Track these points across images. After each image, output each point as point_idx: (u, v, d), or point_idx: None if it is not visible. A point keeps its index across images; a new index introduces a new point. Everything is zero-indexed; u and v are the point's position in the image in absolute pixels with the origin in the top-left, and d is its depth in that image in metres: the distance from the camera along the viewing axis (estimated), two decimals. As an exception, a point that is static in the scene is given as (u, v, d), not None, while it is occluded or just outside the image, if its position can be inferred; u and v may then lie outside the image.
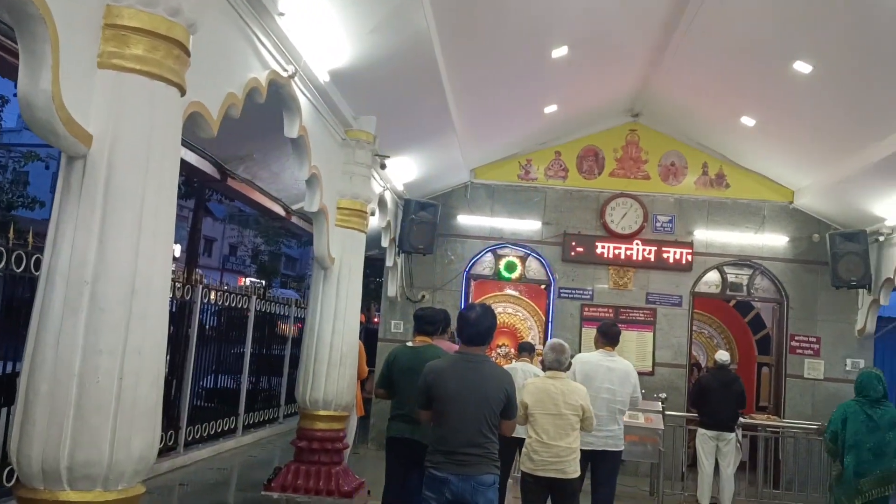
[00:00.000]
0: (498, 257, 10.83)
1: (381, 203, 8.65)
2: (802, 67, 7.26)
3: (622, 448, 6.00)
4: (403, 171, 9.12)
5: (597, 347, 6.26)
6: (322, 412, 6.58)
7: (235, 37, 4.44)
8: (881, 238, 9.41)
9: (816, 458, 9.02)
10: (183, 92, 3.50)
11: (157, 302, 3.32)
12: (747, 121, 9.21)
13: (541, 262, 10.76)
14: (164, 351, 3.48)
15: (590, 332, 9.95)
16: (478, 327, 3.90)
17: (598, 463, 5.89)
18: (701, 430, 8.59)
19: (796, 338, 10.32)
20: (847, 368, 10.08)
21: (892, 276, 9.26)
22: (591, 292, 10.59)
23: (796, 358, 10.29)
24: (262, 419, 10.85)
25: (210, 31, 3.95)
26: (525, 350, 7.63)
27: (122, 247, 3.13)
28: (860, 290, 9.97)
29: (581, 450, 5.37)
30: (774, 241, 10.47)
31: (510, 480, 7.03)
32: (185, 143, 6.59)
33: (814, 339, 10.30)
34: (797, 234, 10.44)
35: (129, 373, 3.14)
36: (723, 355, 9.00)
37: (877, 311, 9.99)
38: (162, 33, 3.25)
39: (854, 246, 9.54)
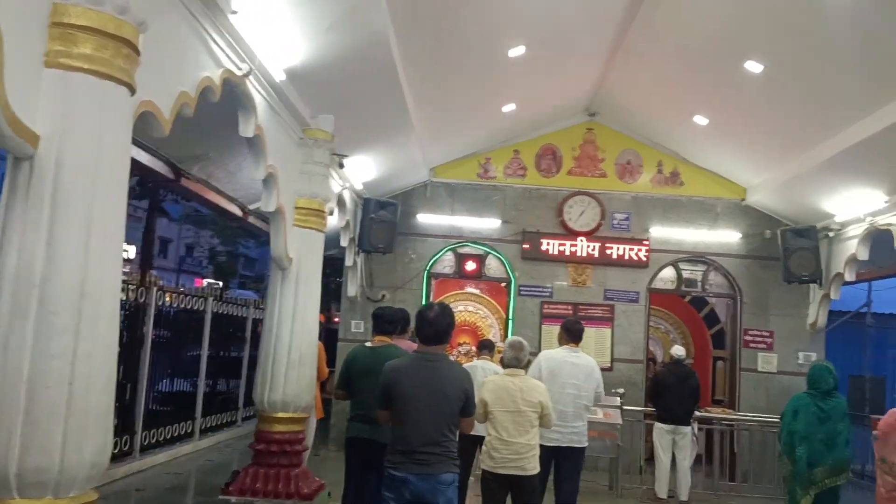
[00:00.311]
0: (458, 255, 10.85)
1: (340, 202, 8.61)
2: (753, 67, 7.41)
3: (586, 444, 6.05)
4: (362, 169, 9.09)
5: (560, 344, 6.30)
6: (281, 414, 6.52)
7: (187, 35, 4.37)
8: (831, 234, 9.66)
9: (770, 450, 9.20)
10: (133, 91, 3.45)
11: (108, 305, 3.26)
12: (700, 120, 9.38)
13: (501, 260, 10.81)
14: (116, 355, 3.42)
15: (549, 329, 10.07)
16: (436, 326, 3.90)
17: (563, 459, 5.94)
18: (658, 425, 8.72)
19: (750, 332, 10.54)
20: (799, 362, 10.32)
21: (842, 271, 9.51)
22: (550, 289, 10.67)
23: (750, 352, 10.51)
24: (219, 422, 10.71)
25: (161, 30, 3.88)
26: (485, 348, 7.65)
27: (71, 249, 3.08)
28: (811, 285, 10.21)
29: (546, 446, 5.42)
30: (727, 237, 10.68)
31: (471, 479, 7.05)
32: (137, 143, 6.51)
33: (767, 334, 10.52)
34: (749, 231, 10.66)
35: (79, 377, 3.08)
36: (678, 350, 9.15)
37: (828, 306, 10.25)
38: (111, 32, 3.20)
39: (805, 242, 9.78)
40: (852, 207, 8.86)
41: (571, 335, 6.20)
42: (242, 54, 5.03)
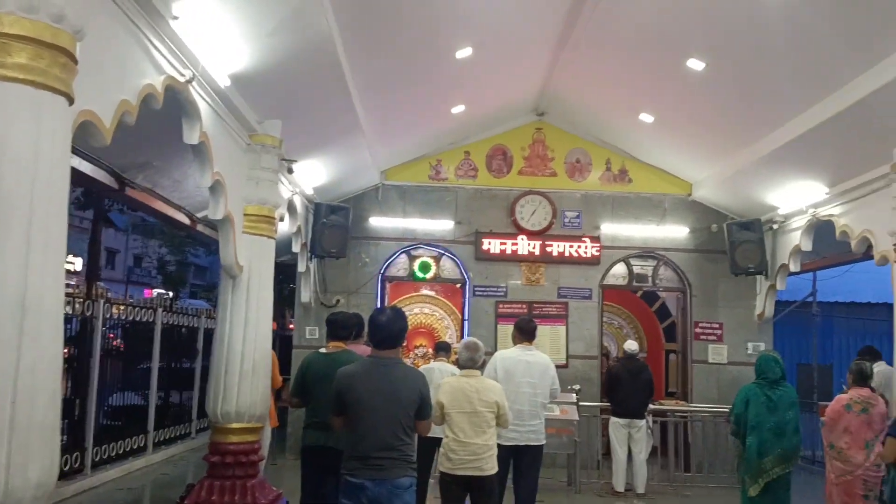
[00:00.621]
0: (412, 258, 10.84)
1: (291, 208, 8.52)
2: (696, 65, 7.56)
3: (544, 442, 6.10)
4: (312, 174, 9.02)
5: (514, 343, 6.33)
6: (235, 425, 6.41)
7: (127, 42, 4.28)
8: (775, 226, 9.91)
9: (723, 440, 9.40)
10: (71, 101, 3.36)
11: (51, 319, 3.17)
12: (646, 117, 9.53)
13: (455, 261, 10.84)
14: (61, 370, 3.32)
15: (505, 329, 10.10)
16: (388, 330, 3.89)
17: (521, 457, 5.97)
18: (613, 419, 8.84)
19: (700, 324, 10.75)
20: (749, 352, 10.56)
21: (787, 262, 9.76)
22: (504, 289, 10.73)
23: (701, 344, 10.72)
24: (173, 435, 10.52)
25: (99, 37, 3.80)
26: (442, 350, 7.66)
27: (10, 262, 2.98)
28: (758, 277, 10.46)
29: (504, 445, 5.45)
30: (676, 232, 10.88)
31: (431, 481, 7.04)
32: (79, 153, 6.36)
33: (716, 325, 10.75)
34: (697, 225, 10.87)
35: (22, 394, 2.99)
36: (631, 345, 9.30)
37: (774, 296, 10.51)
38: (46, 41, 3.11)
39: (750, 234, 10.02)
40: (795, 200, 9.10)
41: (524, 334, 6.24)
42: (185, 60, 4.94)
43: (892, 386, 6.82)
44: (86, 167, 6.67)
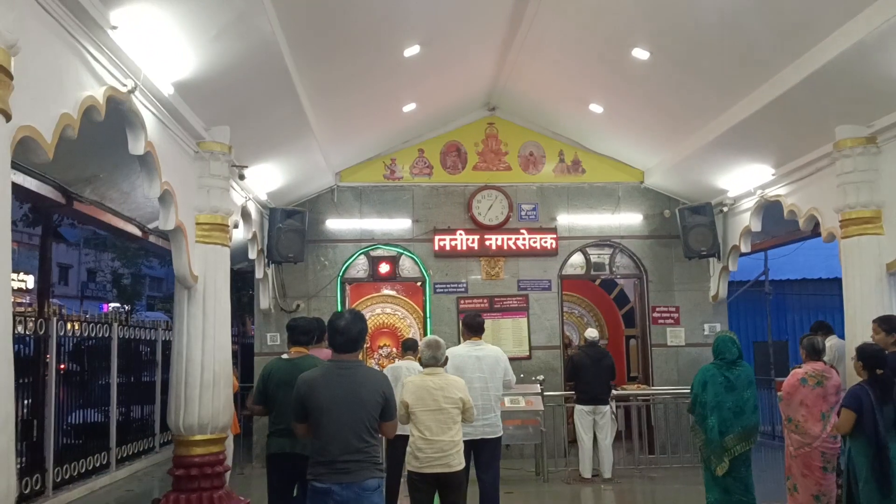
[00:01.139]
0: (371, 259, 10.80)
1: (245, 214, 8.43)
2: (641, 54, 7.67)
3: (500, 434, 6.13)
4: (266, 179, 8.93)
5: (464, 340, 6.38)
6: (198, 437, 6.33)
7: (65, 54, 4.20)
8: (725, 209, 10.11)
9: (685, 420, 9.55)
10: (8, 117, 3.29)
11: (-1, 341, 3.10)
12: (595, 108, 9.64)
13: (414, 259, 10.83)
14: (13, 393, 3.25)
15: (466, 324, 10.15)
16: (348, 334, 3.87)
17: (479, 451, 6.00)
18: (577, 406, 8.94)
19: (657, 309, 10.91)
20: (705, 333, 10.77)
21: (738, 244, 9.97)
22: (465, 285, 10.77)
23: (659, 328, 10.88)
24: (136, 450, 10.33)
25: (35, 51, 3.72)
26: (409, 348, 7.58)
27: (-48, 287, 2.91)
28: (710, 259, 10.67)
29: (462, 441, 5.45)
30: (630, 219, 11.02)
31: (403, 480, 7.03)
32: (22, 169, 6.21)
33: (673, 309, 10.92)
34: (650, 212, 11.03)
35: (-28, 421, 2.92)
36: (592, 332, 9.41)
37: (727, 277, 10.73)
38: (-23, 56, 3.04)
39: (701, 218, 10.20)
40: (743, 182, 9.30)
41: (472, 329, 6.26)
42: (126, 70, 4.86)
43: (845, 359, 7.01)
44: (31, 183, 6.52)
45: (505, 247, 10.76)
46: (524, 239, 10.78)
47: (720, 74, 7.50)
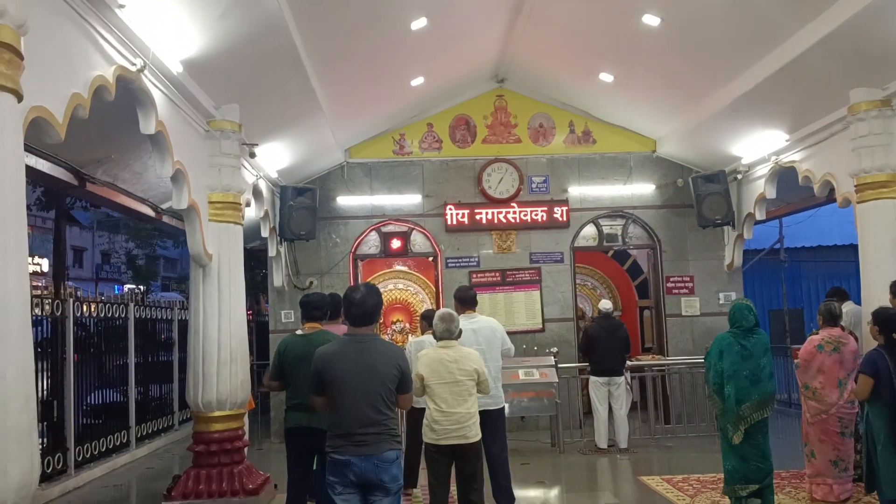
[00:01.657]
0: (383, 235, 10.80)
1: (256, 193, 8.44)
2: (651, 20, 7.57)
3: (503, 405, 6.14)
4: (276, 157, 8.93)
5: (458, 314, 6.37)
6: (217, 413, 6.40)
7: (74, 34, 4.19)
8: (739, 176, 10.02)
9: (701, 390, 9.56)
10: (20, 98, 3.29)
11: (18, 322, 3.13)
12: (606, 77, 9.54)
13: (425, 234, 10.83)
14: (33, 372, 3.29)
15: (480, 298, 10.06)
16: (363, 307, 3.88)
17: (483, 423, 6.02)
18: (592, 378, 8.97)
19: (671, 279, 10.88)
20: (720, 302, 10.71)
21: (752, 211, 9.90)
22: (477, 259, 10.76)
23: (673, 298, 10.85)
24: (155, 429, 10.46)
25: (44, 31, 3.72)
26: (428, 320, 7.52)
27: (-30, 268, 2.93)
28: (725, 228, 10.59)
29: None
30: (642, 189, 10.95)
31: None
32: (34, 151, 6.23)
33: (687, 279, 10.88)
34: (662, 181, 10.96)
35: (-5, 400, 2.95)
36: (606, 304, 9.41)
37: (742, 246, 10.66)
38: (-13, 37, 3.03)
39: (715, 187, 10.12)
40: (757, 149, 9.20)
41: (465, 303, 6.26)
42: (135, 49, 4.85)
43: (861, 324, 6.97)
44: (43, 165, 6.55)
45: (516, 220, 10.73)
46: (535, 211, 10.74)
47: (732, 39, 7.40)
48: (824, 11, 6.20)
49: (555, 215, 10.75)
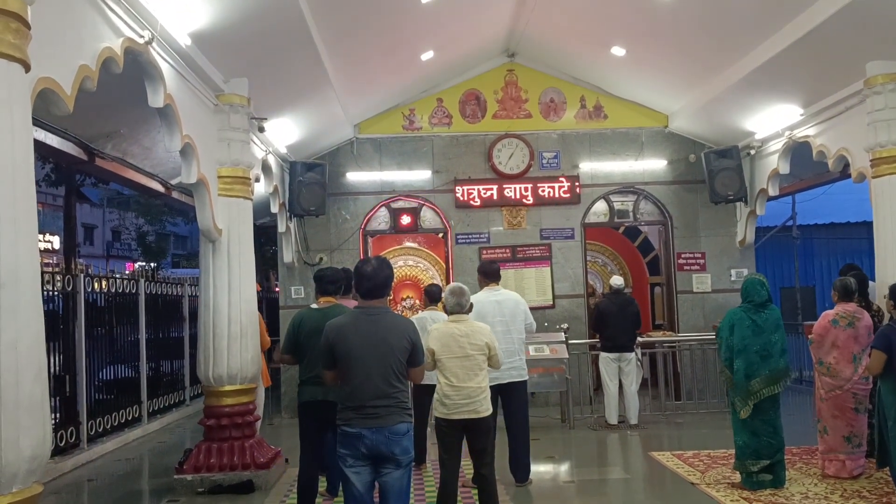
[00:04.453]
0: (392, 211, 10.77)
1: (266, 168, 8.41)
2: (664, -7, 7.45)
3: (527, 377, 6.19)
4: (285, 132, 8.88)
5: (481, 287, 6.43)
6: (228, 387, 6.42)
7: (81, 4, 4.15)
8: (752, 152, 9.92)
9: (711, 366, 9.56)
10: (28, 68, 3.26)
11: (28, 294, 3.12)
12: (617, 51, 9.42)
13: (435, 210, 10.78)
14: (44, 344, 3.28)
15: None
16: (374, 280, 3.86)
17: (507, 395, 6.06)
18: (603, 354, 8.95)
19: (683, 255, 10.81)
20: (732, 279, 10.65)
21: (765, 187, 9.80)
22: (487, 235, 10.72)
23: (685, 274, 10.79)
24: (167, 403, 10.54)
25: (51, 1, 3.67)
26: (434, 299, 7.51)
27: (-20, 239, 2.92)
28: (737, 204, 10.50)
29: (489, 386, 5.49)
30: (654, 165, 10.85)
31: (428, 429, 7.10)
32: (43, 125, 6.20)
33: (699, 255, 10.81)
34: (674, 157, 10.86)
35: (7, 370, 2.96)
36: (617, 280, 9.36)
37: (755, 222, 10.58)
38: (-6, 5, 2.99)
39: (728, 162, 10.02)
40: (771, 123, 9.09)
41: (489, 276, 6.39)
42: (143, 21, 4.80)
43: (876, 300, 6.91)
44: (52, 140, 6.52)
45: (527, 196, 10.66)
46: (546, 187, 10.67)
47: (747, 11, 7.26)
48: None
49: (565, 191, 10.67)
